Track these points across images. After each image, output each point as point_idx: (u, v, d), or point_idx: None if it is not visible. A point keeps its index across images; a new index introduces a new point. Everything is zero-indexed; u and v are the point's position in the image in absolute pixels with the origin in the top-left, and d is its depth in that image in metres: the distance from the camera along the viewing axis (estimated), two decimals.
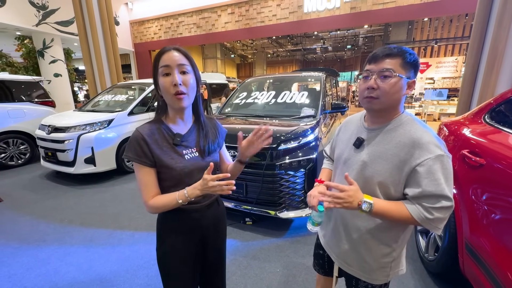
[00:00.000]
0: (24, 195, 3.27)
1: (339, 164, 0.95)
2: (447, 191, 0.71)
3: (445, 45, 11.56)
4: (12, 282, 1.79)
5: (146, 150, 0.82)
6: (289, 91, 3.14)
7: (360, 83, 0.83)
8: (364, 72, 0.82)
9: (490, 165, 1.28)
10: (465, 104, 3.49)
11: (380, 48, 0.80)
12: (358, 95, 0.92)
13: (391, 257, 0.87)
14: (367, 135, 0.86)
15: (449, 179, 0.72)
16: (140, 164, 0.83)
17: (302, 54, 20.97)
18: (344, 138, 0.96)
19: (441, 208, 0.72)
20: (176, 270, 0.94)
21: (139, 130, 0.84)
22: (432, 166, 0.71)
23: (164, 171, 0.86)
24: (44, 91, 5.02)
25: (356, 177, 0.84)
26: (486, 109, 1.72)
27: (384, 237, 0.85)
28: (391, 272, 0.89)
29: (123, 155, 0.80)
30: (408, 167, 0.75)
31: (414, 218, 0.74)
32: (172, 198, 0.82)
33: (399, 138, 0.78)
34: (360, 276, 0.92)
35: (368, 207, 0.74)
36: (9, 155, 4.34)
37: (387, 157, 0.79)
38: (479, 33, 3.26)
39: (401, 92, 0.77)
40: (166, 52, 0.81)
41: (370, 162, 0.82)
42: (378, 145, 0.82)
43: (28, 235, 2.36)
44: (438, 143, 0.74)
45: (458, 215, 1.45)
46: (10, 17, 6.15)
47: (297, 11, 7.24)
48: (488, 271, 1.15)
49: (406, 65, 0.76)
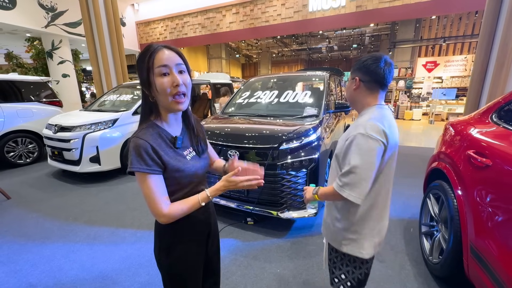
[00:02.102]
0: (31, 193, 3.35)
1: None
2: (350, 158, 0.90)
3: (454, 43, 11.28)
4: (18, 277, 1.83)
5: (155, 158, 0.77)
6: (292, 90, 3.12)
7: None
8: None
9: (497, 166, 1.24)
10: (473, 104, 3.41)
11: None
12: None
13: (341, 225, 1.03)
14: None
15: (358, 152, 0.89)
16: (150, 174, 0.76)
17: (307, 53, 20.83)
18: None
19: (345, 173, 0.90)
20: (192, 273, 0.92)
21: (143, 138, 0.76)
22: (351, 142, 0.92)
23: (173, 176, 0.82)
24: (51, 91, 5.12)
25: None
26: (494, 108, 1.67)
27: (339, 206, 1.04)
28: (344, 243, 1.02)
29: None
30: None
31: (335, 190, 0.94)
32: (195, 202, 0.81)
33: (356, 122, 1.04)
34: (325, 235, 1.14)
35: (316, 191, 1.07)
36: (18, 154, 4.44)
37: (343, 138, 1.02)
38: (488, 30, 3.17)
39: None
40: (159, 51, 0.76)
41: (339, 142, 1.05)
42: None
43: (34, 232, 2.41)
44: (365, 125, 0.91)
45: (463, 217, 1.41)
46: (20, 19, 6.30)
47: (302, 10, 7.19)
48: (494, 275, 1.11)
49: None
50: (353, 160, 0.88)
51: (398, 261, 1.92)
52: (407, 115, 9.89)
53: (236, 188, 0.82)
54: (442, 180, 1.78)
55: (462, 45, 11.48)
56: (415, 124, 8.94)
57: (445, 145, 1.92)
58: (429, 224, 1.94)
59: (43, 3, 6.76)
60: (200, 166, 0.90)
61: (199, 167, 0.89)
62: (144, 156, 0.75)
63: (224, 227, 2.41)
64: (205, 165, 0.93)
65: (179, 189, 0.85)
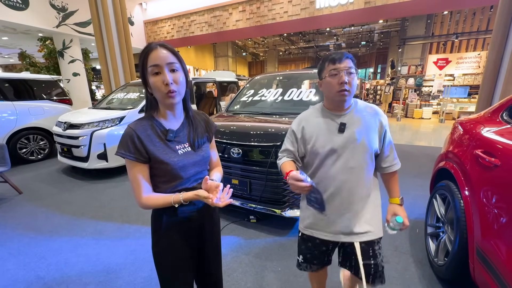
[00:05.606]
0: (42, 188, 3.45)
1: (326, 155, 1.04)
2: (389, 136, 1.08)
3: (467, 39, 10.89)
4: (26, 269, 1.89)
5: (139, 147, 0.83)
6: (296, 88, 3.09)
7: (330, 80, 0.99)
8: (333, 70, 0.98)
9: (506, 166, 1.19)
10: (485, 102, 3.29)
11: (337, 52, 1.01)
12: (371, 93, 1.11)
13: (380, 204, 1.12)
14: (346, 119, 1.03)
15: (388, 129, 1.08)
16: (133, 161, 0.83)
17: (315, 51, 20.59)
18: (318, 132, 1.05)
19: (392, 149, 1.09)
20: (174, 265, 0.95)
21: (132, 127, 0.84)
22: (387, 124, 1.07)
23: (158, 167, 0.86)
24: (62, 90, 5.25)
25: (351, 155, 1.01)
26: (505, 106, 1.61)
27: (373, 193, 1.09)
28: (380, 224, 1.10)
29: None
30: (382, 129, 1.04)
31: (396, 170, 1.09)
32: (167, 201, 0.84)
33: (365, 112, 1.05)
34: (371, 235, 1.06)
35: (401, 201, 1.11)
36: (29, 150, 4.59)
37: (371, 128, 1.02)
38: (502, 25, 3.05)
39: None
40: (153, 50, 0.80)
41: (361, 137, 1.00)
42: (358, 123, 1.02)
43: (43, 226, 2.48)
44: (376, 107, 1.09)
45: (469, 219, 1.37)
46: (32, 19, 6.48)
47: (309, 7, 7.10)
48: (500, 279, 1.08)
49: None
50: (390, 137, 1.07)
51: (402, 262, 1.88)
52: (417, 114, 9.66)
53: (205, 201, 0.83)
54: (449, 180, 1.73)
55: (476, 42, 11.08)
56: (425, 123, 8.73)
57: (453, 144, 1.87)
58: (435, 225, 1.90)
59: (55, 4, 6.92)
60: (191, 161, 0.91)
61: (188, 162, 0.90)
62: (129, 144, 0.82)
63: (227, 224, 2.42)
64: (199, 160, 0.93)
65: (165, 181, 0.88)
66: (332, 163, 1.03)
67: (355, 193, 1.04)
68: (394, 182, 1.10)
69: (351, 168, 1.01)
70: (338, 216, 1.06)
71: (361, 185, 1.04)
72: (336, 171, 1.02)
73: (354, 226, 1.05)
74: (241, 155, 2.29)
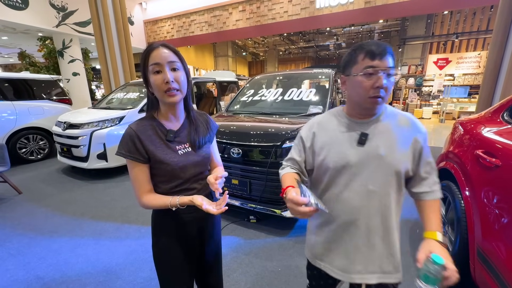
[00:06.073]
0: (41, 188, 3.45)
1: (337, 172, 0.81)
2: (430, 157, 0.84)
3: (467, 39, 10.88)
4: (26, 270, 1.89)
5: (139, 147, 0.83)
6: (296, 88, 3.09)
7: (362, 79, 0.74)
8: (369, 69, 0.72)
9: (507, 167, 1.19)
10: (486, 102, 3.29)
11: (376, 42, 0.74)
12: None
13: (398, 238, 0.87)
14: (369, 129, 0.80)
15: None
16: (133, 161, 0.84)
17: (315, 51, 20.58)
18: (332, 142, 0.83)
19: (435, 172, 0.84)
20: (174, 265, 0.95)
21: (132, 127, 0.84)
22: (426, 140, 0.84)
23: (158, 167, 0.86)
24: (61, 90, 5.25)
25: (371, 175, 0.78)
26: (506, 106, 1.60)
27: (396, 225, 0.86)
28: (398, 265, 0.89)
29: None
30: (418, 145, 0.80)
31: (439, 198, 0.84)
32: (165, 203, 0.85)
33: (398, 122, 0.81)
34: (389, 278, 0.87)
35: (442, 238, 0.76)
36: (29, 150, 4.58)
37: (401, 141, 0.79)
38: (503, 25, 3.04)
39: None
40: (154, 49, 0.80)
41: (386, 152, 0.78)
42: (384, 134, 0.79)
43: (42, 226, 2.48)
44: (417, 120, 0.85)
45: (470, 219, 1.36)
46: (32, 19, 6.46)
47: (309, 7, 7.09)
48: (501, 280, 1.07)
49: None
50: (430, 157, 0.83)
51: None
52: (417, 114, 9.64)
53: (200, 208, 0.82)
54: (449, 181, 1.73)
55: (476, 41, 11.06)
56: (425, 123, 8.72)
57: (454, 144, 1.86)
58: None
59: (54, 3, 6.90)
60: (191, 161, 0.91)
61: (189, 163, 0.90)
62: (129, 144, 0.83)
63: (227, 224, 2.42)
64: (199, 161, 0.93)
65: (165, 181, 0.88)
66: (346, 183, 0.81)
67: (374, 225, 0.80)
68: (433, 212, 0.80)
69: (371, 192, 0.78)
70: (350, 251, 0.84)
71: (384, 214, 0.80)
72: (351, 195, 0.80)
73: (369, 265, 0.83)
74: (241, 155, 2.29)
